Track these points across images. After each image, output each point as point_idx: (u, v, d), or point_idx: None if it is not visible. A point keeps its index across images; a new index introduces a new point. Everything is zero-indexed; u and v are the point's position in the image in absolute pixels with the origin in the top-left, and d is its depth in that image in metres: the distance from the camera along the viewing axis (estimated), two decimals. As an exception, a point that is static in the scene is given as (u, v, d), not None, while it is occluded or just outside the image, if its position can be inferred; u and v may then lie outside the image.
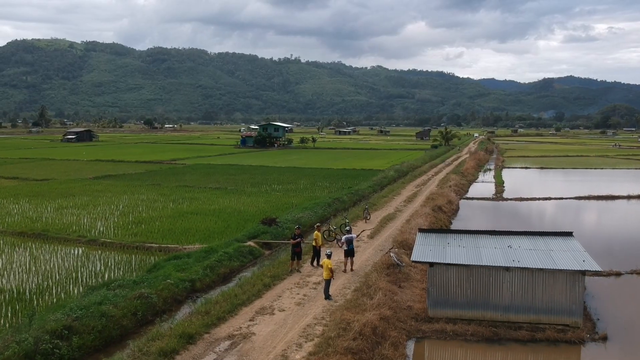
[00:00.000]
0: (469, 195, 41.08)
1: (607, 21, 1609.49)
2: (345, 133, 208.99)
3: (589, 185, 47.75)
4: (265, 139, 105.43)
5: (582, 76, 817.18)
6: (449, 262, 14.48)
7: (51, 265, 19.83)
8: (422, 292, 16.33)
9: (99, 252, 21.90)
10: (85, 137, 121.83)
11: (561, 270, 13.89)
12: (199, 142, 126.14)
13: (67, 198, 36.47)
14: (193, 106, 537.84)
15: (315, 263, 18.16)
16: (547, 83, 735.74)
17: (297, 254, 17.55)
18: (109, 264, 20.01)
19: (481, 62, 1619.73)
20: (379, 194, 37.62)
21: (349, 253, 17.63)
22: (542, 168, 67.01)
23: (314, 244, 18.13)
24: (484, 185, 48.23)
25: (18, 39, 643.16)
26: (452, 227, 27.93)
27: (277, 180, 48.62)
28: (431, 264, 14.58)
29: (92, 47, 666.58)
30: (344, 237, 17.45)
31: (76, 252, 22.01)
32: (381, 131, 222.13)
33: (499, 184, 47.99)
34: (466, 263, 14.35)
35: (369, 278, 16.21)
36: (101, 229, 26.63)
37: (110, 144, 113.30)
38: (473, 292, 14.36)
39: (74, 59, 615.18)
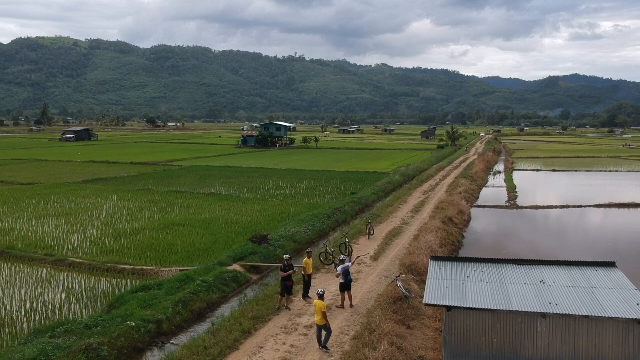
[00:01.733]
0: (480, 202, 38.23)
1: (613, 19, 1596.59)
2: (349, 132, 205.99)
3: (607, 191, 44.81)
4: (267, 139, 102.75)
5: (588, 74, 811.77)
6: (470, 305, 11.73)
7: (5, 293, 17.24)
8: (436, 334, 13.64)
9: (65, 275, 19.29)
10: (84, 136, 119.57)
11: (611, 318, 11.13)
12: (199, 141, 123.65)
13: (49, 205, 33.95)
14: (197, 104, 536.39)
15: (306, 296, 15.35)
16: (552, 81, 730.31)
17: (287, 288, 14.71)
18: (72, 291, 17.37)
19: (486, 60, 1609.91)
20: (383, 202, 34.81)
21: (346, 286, 14.85)
22: (553, 170, 64.04)
23: (302, 272, 15.30)
24: (495, 190, 45.37)
25: (22, 36, 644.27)
26: (465, 241, 25.14)
27: (275, 185, 45.96)
28: (448, 308, 11.84)
29: (96, 45, 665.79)
30: (339, 268, 14.56)
31: (39, 274, 19.40)
32: (385, 130, 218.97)
33: (511, 189, 45.14)
34: (492, 307, 11.60)
35: (371, 318, 13.46)
36: (75, 243, 24.05)
37: (108, 144, 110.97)
38: (500, 342, 11.63)
39: (78, 57, 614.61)
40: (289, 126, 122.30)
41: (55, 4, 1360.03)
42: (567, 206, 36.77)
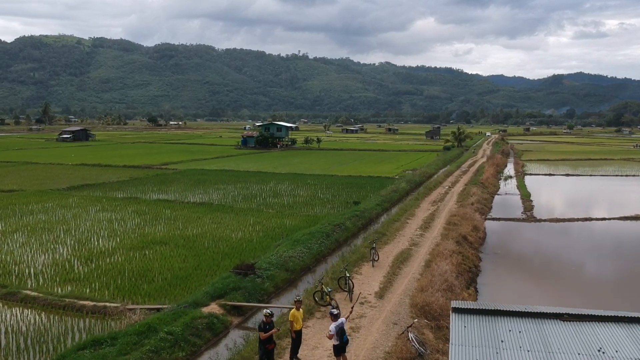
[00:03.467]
0: (494, 214, 35.08)
1: (618, 17, 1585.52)
2: (352, 131, 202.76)
3: (629, 199, 41.66)
4: (268, 140, 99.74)
5: (593, 73, 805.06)
6: (513, 393, 8.67)
7: None
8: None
9: (13, 313, 16.36)
10: (81, 136, 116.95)
11: None
12: (199, 141, 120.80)
13: (23, 217, 31.08)
14: (200, 102, 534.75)
15: (295, 357, 12.17)
16: (556, 79, 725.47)
17: (268, 352, 11.67)
18: (13, 339, 14.42)
19: (490, 58, 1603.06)
20: (388, 215, 31.68)
21: (341, 349, 11.74)
22: (567, 175, 60.77)
23: (290, 328, 12.12)
24: (508, 199, 42.20)
25: (26, 35, 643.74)
26: (484, 266, 22.03)
27: (273, 192, 42.99)
28: (482, 395, 8.79)
29: (99, 44, 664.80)
30: (332, 327, 11.32)
31: (-16, 312, 16.48)
32: (389, 129, 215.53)
33: (526, 197, 41.98)
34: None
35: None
36: (40, 267, 21.15)
37: (105, 144, 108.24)
38: None
39: (82, 55, 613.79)
40: (291, 126, 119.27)
41: (60, 2, 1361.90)
42: (590, 219, 33.59)
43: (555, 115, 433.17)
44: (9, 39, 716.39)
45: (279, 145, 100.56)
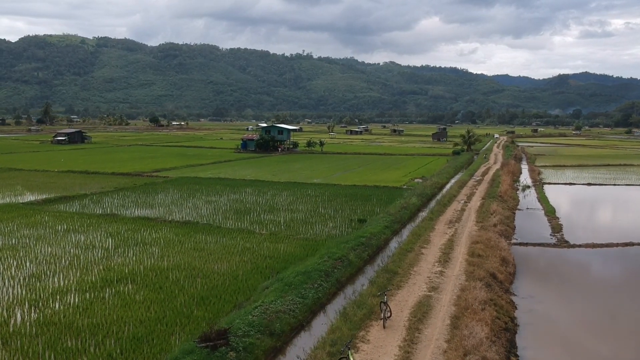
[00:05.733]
0: (519, 236, 30.60)
1: (624, 16, 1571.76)
2: (356, 132, 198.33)
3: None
4: (268, 143, 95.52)
5: (598, 72, 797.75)
6: None
7: None
8: None
9: None
10: (77, 138, 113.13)
11: None
12: (198, 144, 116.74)
13: (-22, 241, 26.97)
14: (204, 102, 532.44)
15: None
16: (562, 79, 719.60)
17: None
18: None
19: (495, 58, 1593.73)
20: (399, 241, 27.13)
21: None
22: (589, 184, 56.13)
23: None
24: (531, 216, 37.71)
25: (30, 34, 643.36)
26: (521, 319, 17.55)
27: (269, 205, 38.77)
28: None
29: (103, 43, 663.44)
30: None
31: None
32: (394, 131, 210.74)
33: (550, 214, 37.54)
34: None
35: None
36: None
37: (100, 147, 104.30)
38: None
39: (86, 55, 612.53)
40: (293, 129, 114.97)
41: (64, 1, 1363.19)
42: (632, 244, 29.09)
43: (562, 115, 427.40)
44: (13, 38, 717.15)
45: (280, 149, 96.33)
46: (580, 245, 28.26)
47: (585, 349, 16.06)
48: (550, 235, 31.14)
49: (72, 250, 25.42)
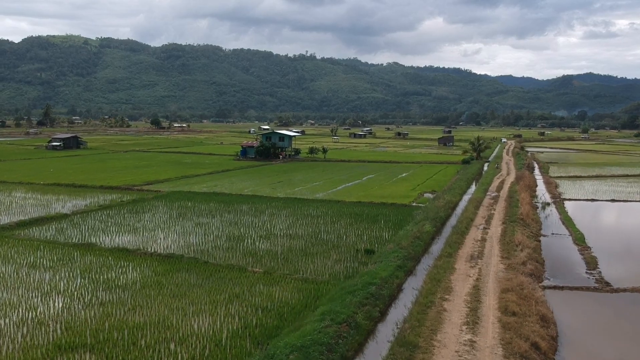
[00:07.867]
0: (551, 276, 26.48)
1: (628, 17, 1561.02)
2: (360, 136, 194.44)
3: None
4: (269, 150, 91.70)
5: (602, 73, 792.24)
6: None
7: None
8: None
9: None
10: (72, 143, 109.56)
11: None
12: (197, 149, 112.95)
13: None
14: (207, 103, 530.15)
15: None
16: (566, 80, 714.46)
17: None
18: None
19: (499, 58, 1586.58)
20: (415, 290, 22.99)
21: None
22: (612, 200, 51.93)
23: None
24: (558, 244, 33.59)
25: (34, 35, 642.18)
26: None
27: (266, 230, 34.94)
28: None
29: (106, 44, 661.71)
30: None
31: None
32: (399, 134, 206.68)
33: (580, 242, 33.50)
34: None
35: None
36: None
37: (95, 153, 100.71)
38: None
39: (89, 56, 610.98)
40: (294, 134, 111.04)
41: (67, 2, 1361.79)
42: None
43: (567, 117, 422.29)
44: (16, 39, 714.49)
45: (281, 156, 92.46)
46: (625, 290, 24.19)
47: None
48: (586, 272, 27.10)
49: (29, 299, 21.59)
